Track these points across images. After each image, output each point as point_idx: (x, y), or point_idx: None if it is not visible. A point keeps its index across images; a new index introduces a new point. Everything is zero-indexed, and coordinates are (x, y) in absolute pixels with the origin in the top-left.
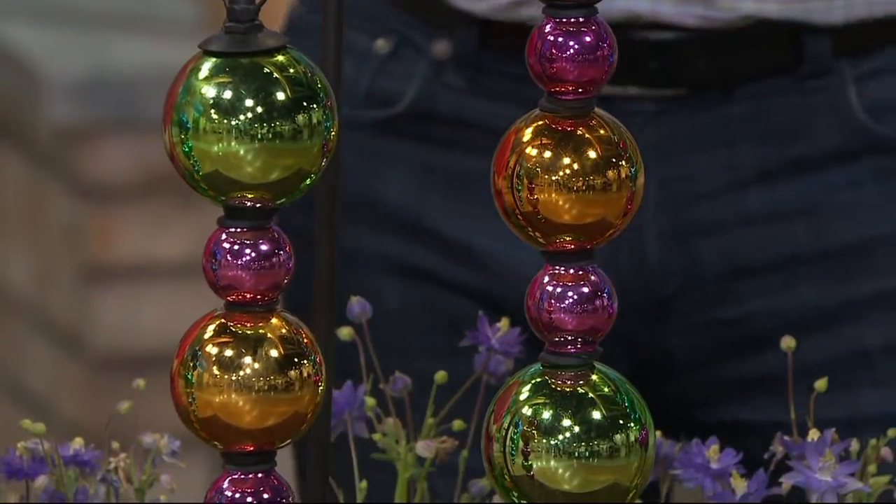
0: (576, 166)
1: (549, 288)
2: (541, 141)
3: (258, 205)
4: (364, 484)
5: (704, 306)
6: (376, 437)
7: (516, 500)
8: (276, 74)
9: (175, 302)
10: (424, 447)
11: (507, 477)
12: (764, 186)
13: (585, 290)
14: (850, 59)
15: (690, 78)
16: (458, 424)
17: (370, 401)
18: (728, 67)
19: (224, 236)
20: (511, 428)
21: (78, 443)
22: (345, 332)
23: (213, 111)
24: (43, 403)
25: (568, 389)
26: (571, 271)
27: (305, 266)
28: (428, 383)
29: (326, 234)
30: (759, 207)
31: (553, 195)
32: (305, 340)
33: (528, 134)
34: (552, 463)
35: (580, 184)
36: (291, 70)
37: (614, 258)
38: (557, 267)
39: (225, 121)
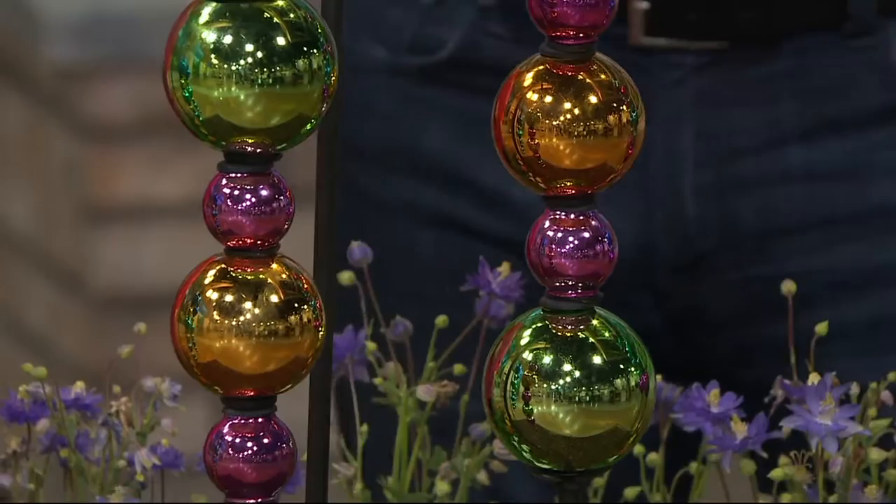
0: (577, 111)
1: (550, 233)
2: (541, 86)
3: (258, 150)
4: (365, 427)
5: (741, 264)
6: (377, 381)
7: (517, 445)
8: (276, 19)
9: (177, 242)
10: (425, 391)
11: (507, 421)
12: (805, 144)
13: (586, 235)
14: (894, 19)
15: (732, 31)
16: (458, 368)
17: (371, 345)
18: (772, 21)
19: (224, 181)
20: (511, 373)
21: (79, 386)
22: (345, 277)
23: (213, 56)
24: (44, 343)
25: (569, 334)
26: (572, 216)
27: None
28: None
29: (328, 180)
30: (800, 165)
31: (554, 140)
32: (306, 286)
33: (528, 79)
34: (553, 407)
35: (581, 129)
36: (292, 15)
37: (650, 212)
38: (558, 212)
39: (225, 66)
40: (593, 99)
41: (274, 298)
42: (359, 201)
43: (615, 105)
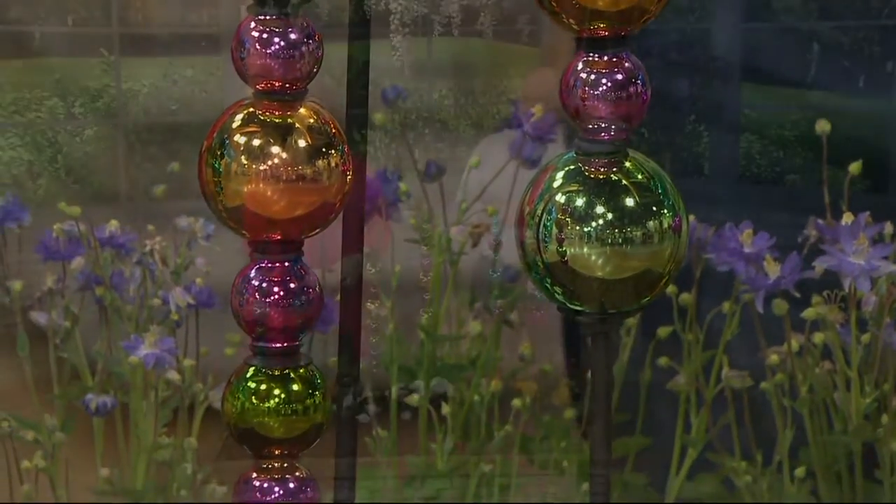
0: None
1: (583, 75)
2: None
3: None
4: (398, 268)
5: None
6: (411, 221)
7: (549, 287)
8: None
9: (210, 71)
10: (458, 232)
11: (539, 263)
12: None
13: (619, 76)
14: None
15: None
16: (490, 210)
17: (404, 186)
18: None
19: (253, 24)
20: (544, 215)
21: (113, 225)
22: (379, 118)
23: None
24: (80, 171)
25: (601, 176)
26: (605, 58)
27: None
28: None
29: (357, 32)
30: None
31: None
32: (333, 130)
33: None
34: (585, 249)
35: None
36: None
37: None
38: (591, 54)
39: None
40: None
41: (301, 143)
42: None
43: None
